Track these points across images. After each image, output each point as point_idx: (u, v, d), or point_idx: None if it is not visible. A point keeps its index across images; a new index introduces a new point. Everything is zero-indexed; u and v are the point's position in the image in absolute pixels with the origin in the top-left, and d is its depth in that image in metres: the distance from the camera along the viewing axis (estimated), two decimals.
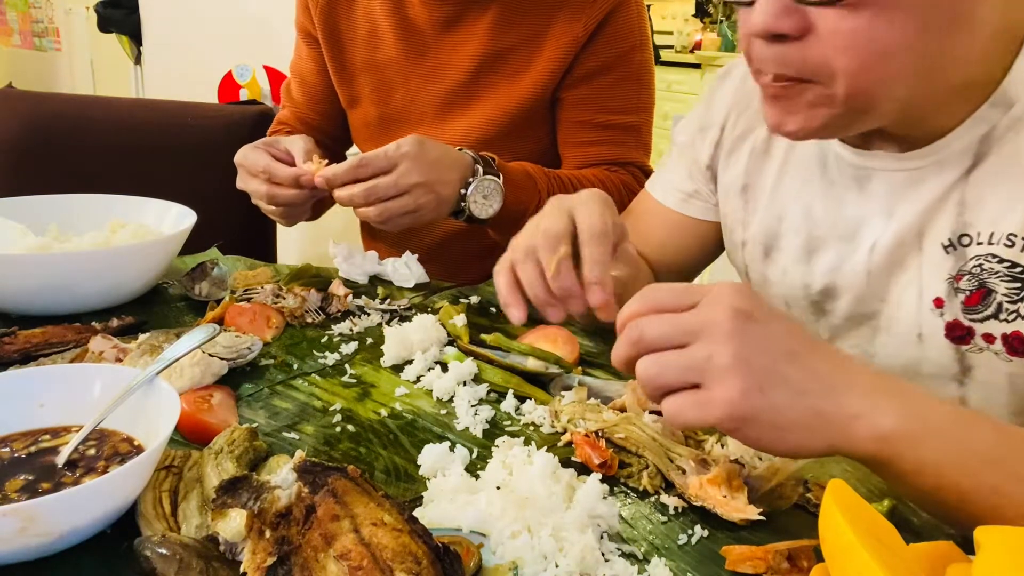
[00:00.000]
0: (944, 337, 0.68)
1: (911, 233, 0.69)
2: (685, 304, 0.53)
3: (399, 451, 0.65)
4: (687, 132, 0.93)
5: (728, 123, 0.87)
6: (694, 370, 0.50)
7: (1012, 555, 0.41)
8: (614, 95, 1.12)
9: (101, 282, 0.86)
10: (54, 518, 0.46)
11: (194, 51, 2.61)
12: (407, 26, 1.15)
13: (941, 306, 0.68)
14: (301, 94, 1.28)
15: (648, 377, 0.51)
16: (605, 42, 1.09)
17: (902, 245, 0.70)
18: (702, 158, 0.90)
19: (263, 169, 0.97)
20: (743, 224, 0.86)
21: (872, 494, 0.62)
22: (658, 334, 0.52)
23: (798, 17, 0.57)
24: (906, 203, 0.69)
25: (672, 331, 0.51)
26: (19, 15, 4.81)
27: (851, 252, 0.74)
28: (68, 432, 0.57)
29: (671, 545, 0.55)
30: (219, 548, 0.47)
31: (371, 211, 0.92)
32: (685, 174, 0.93)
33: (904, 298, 0.71)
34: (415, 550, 0.43)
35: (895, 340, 0.72)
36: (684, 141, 0.93)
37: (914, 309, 0.70)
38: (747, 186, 0.85)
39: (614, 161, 1.14)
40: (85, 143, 1.49)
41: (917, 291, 0.70)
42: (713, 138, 0.89)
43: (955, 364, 0.69)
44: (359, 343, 0.85)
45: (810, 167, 0.78)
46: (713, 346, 0.49)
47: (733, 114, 0.87)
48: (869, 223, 0.73)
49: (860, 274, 0.73)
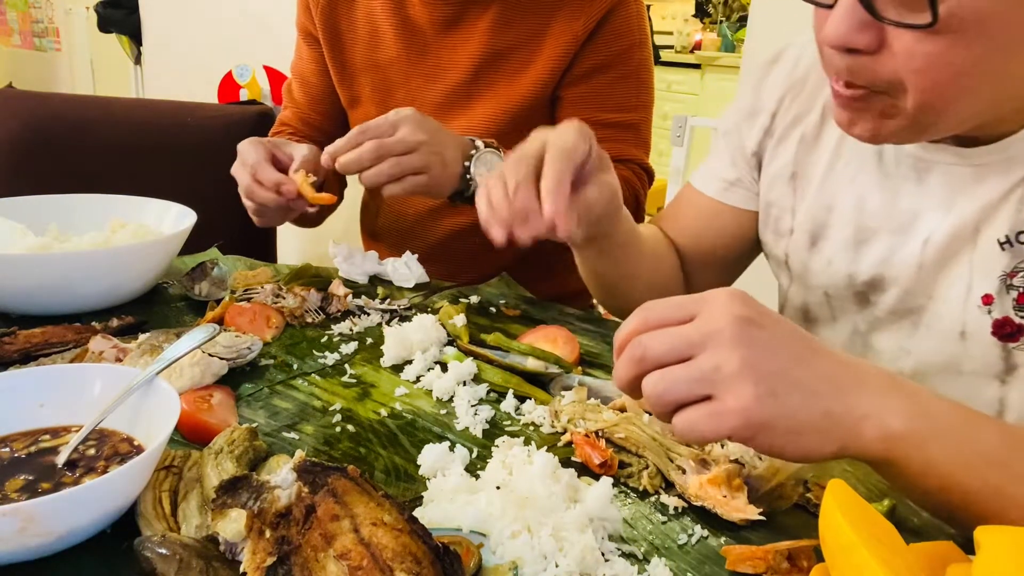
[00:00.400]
0: (991, 334, 0.68)
1: (968, 228, 0.69)
2: (683, 316, 0.52)
3: (399, 451, 0.65)
4: (732, 119, 0.92)
5: (780, 109, 0.86)
6: (703, 381, 0.49)
7: (1012, 555, 0.41)
8: (613, 93, 1.12)
9: (101, 282, 0.86)
10: (54, 518, 0.46)
11: (194, 51, 2.61)
12: (408, 26, 1.15)
13: (990, 303, 0.68)
14: (302, 95, 1.28)
15: (656, 394, 0.50)
16: (604, 40, 1.10)
17: (956, 240, 0.69)
18: (749, 144, 0.89)
19: (252, 164, 0.97)
20: (791, 212, 0.85)
21: (872, 494, 0.62)
22: (662, 349, 0.50)
23: (873, 33, 0.57)
24: (966, 198, 0.69)
25: (676, 344, 0.50)
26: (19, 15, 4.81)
27: (903, 244, 0.73)
28: (68, 432, 0.57)
29: (671, 545, 0.55)
30: (219, 548, 0.47)
31: (384, 166, 0.91)
32: (728, 162, 0.92)
33: (951, 294, 0.70)
34: (415, 550, 0.43)
35: (936, 336, 0.72)
36: (729, 128, 0.92)
37: (959, 305, 0.70)
38: (796, 174, 0.84)
39: (613, 158, 1.13)
40: (85, 143, 1.49)
41: (965, 287, 0.69)
42: (763, 124, 0.88)
43: (1000, 362, 0.68)
44: (359, 343, 0.85)
45: (865, 157, 0.77)
46: (720, 355, 0.48)
47: (787, 100, 0.86)
48: (925, 216, 0.72)
49: (911, 267, 0.73)
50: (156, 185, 1.12)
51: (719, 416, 0.48)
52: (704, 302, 0.51)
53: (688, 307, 0.52)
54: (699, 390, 0.49)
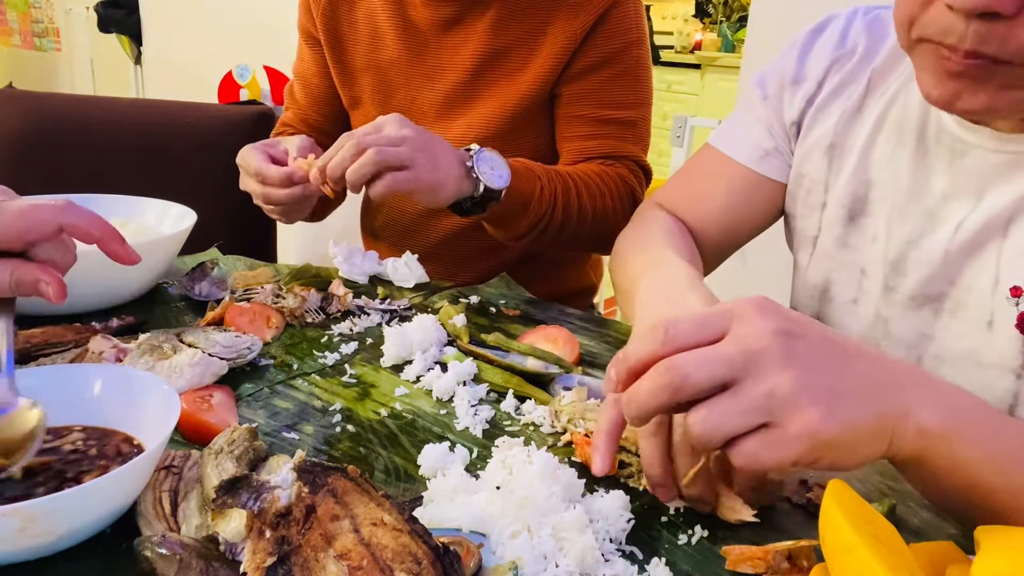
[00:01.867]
0: (1015, 327, 0.67)
1: (1000, 219, 0.67)
2: (714, 334, 0.47)
3: (399, 451, 0.65)
4: (773, 84, 0.88)
5: (827, 77, 0.83)
6: (759, 411, 0.45)
7: (1012, 555, 0.41)
8: (611, 90, 1.12)
9: (101, 282, 0.86)
10: (54, 518, 0.46)
11: (194, 51, 2.62)
12: (408, 27, 1.15)
13: (1019, 295, 0.67)
14: (304, 96, 1.28)
15: (707, 432, 0.45)
16: (603, 38, 1.10)
17: (987, 229, 0.68)
18: (790, 113, 0.86)
19: (255, 172, 0.97)
20: (824, 185, 0.82)
21: (872, 494, 0.62)
22: (703, 376, 0.46)
23: None
24: (998, 187, 0.68)
25: (718, 370, 0.46)
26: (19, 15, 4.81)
27: (933, 228, 0.72)
28: (70, 432, 0.57)
29: (671, 545, 0.55)
30: (219, 548, 0.47)
31: (364, 157, 0.87)
32: (764, 130, 0.88)
33: (977, 283, 0.69)
34: (415, 550, 0.43)
35: (961, 325, 0.70)
36: (770, 93, 0.88)
37: (988, 295, 0.68)
38: (834, 145, 0.81)
39: (610, 155, 1.14)
40: (85, 143, 1.49)
41: (993, 277, 0.68)
42: (807, 92, 0.84)
43: (1020, 356, 0.67)
44: (359, 343, 0.85)
45: (905, 133, 0.75)
46: (770, 378, 0.45)
47: (833, 69, 0.83)
48: (957, 200, 0.70)
49: (937, 252, 0.71)
50: (156, 185, 1.12)
51: (783, 445, 0.45)
52: (734, 317, 0.48)
53: (717, 323, 0.48)
54: (755, 420, 0.45)
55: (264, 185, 0.97)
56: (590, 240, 1.11)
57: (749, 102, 0.91)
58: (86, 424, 0.58)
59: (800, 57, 0.86)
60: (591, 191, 1.07)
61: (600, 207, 1.07)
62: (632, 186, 1.13)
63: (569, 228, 1.06)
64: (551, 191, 1.02)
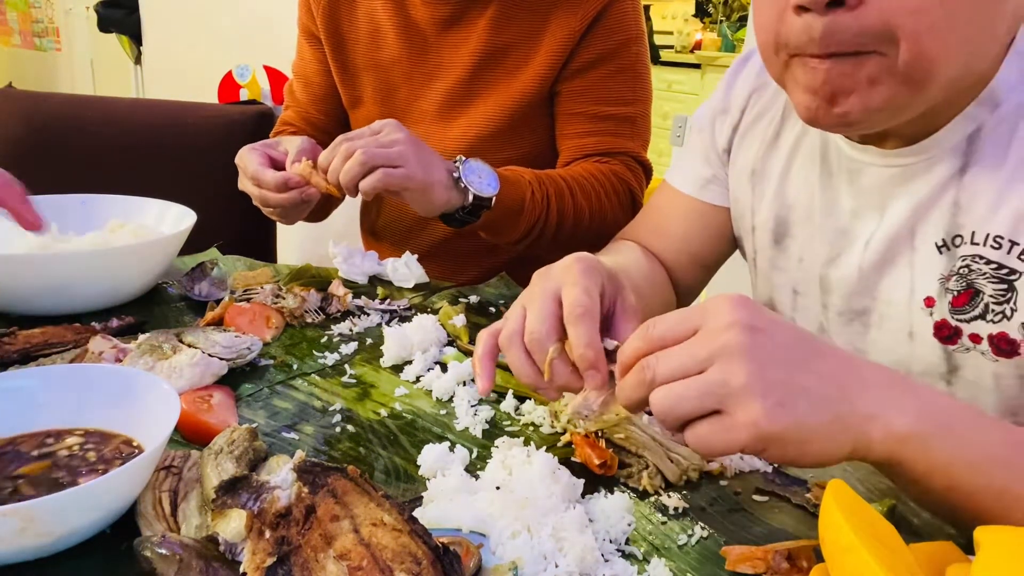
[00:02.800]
0: (932, 336, 0.69)
1: (904, 230, 0.69)
2: (687, 331, 0.50)
3: (399, 451, 0.65)
4: (706, 116, 0.92)
5: (748, 106, 0.87)
6: (711, 396, 0.48)
7: (1012, 555, 0.41)
8: (610, 87, 1.13)
9: (101, 282, 0.86)
10: (54, 518, 0.46)
11: (194, 51, 2.62)
12: (409, 25, 1.16)
13: (932, 305, 0.68)
14: (304, 94, 1.28)
15: (663, 410, 0.49)
16: (601, 35, 1.11)
17: (895, 242, 0.70)
18: (720, 142, 0.90)
19: (251, 175, 0.98)
20: (751, 210, 0.85)
21: (872, 494, 0.62)
22: (671, 369, 0.49)
23: None
24: (897, 200, 0.70)
25: (684, 363, 0.49)
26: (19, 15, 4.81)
27: (846, 246, 0.74)
28: (71, 433, 0.57)
29: (671, 545, 0.55)
30: (219, 548, 0.47)
31: (356, 155, 0.88)
32: (702, 160, 0.92)
33: (895, 296, 0.71)
34: (415, 550, 0.43)
35: (886, 337, 0.72)
36: (703, 125, 0.92)
37: (905, 307, 0.70)
38: (755, 171, 0.85)
39: (609, 151, 1.14)
40: (85, 143, 1.49)
41: (908, 289, 0.70)
42: (732, 121, 0.88)
43: (943, 363, 0.69)
44: (359, 343, 0.85)
45: (814, 157, 0.78)
46: (726, 368, 0.47)
47: (753, 97, 0.86)
48: (862, 218, 0.73)
49: (852, 269, 0.74)
50: (156, 185, 1.12)
51: (729, 432, 0.47)
52: (706, 313, 0.50)
53: (692, 320, 0.51)
54: (708, 404, 0.48)
55: (260, 188, 0.97)
56: (589, 239, 1.11)
57: (691, 136, 0.95)
58: (86, 426, 0.58)
59: (726, 88, 0.90)
60: (586, 191, 1.07)
61: (597, 206, 1.08)
62: (629, 182, 1.13)
63: (566, 229, 1.06)
64: (543, 195, 1.02)
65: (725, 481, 0.63)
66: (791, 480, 0.62)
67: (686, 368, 0.49)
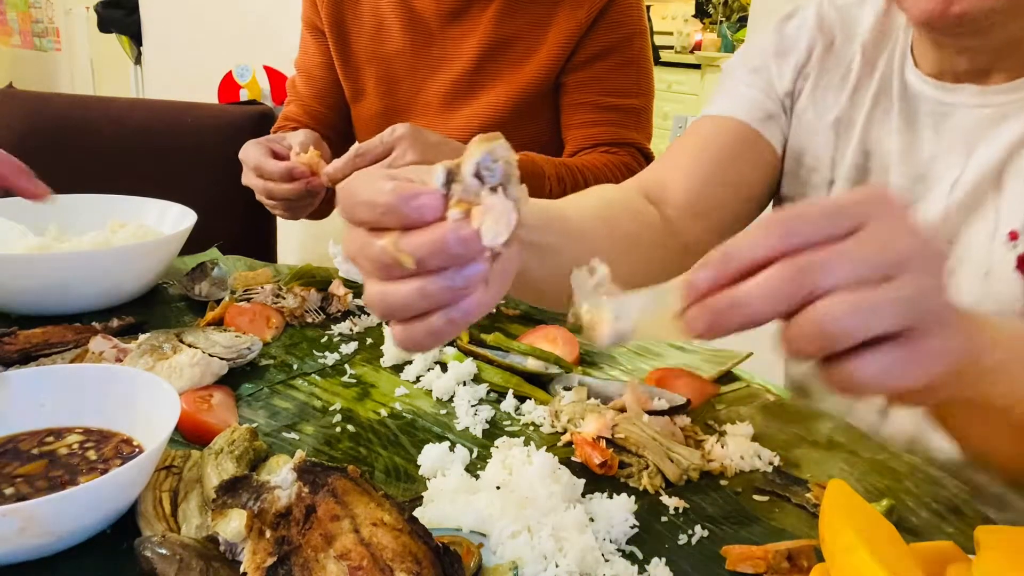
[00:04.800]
0: (1014, 270, 0.67)
1: (991, 174, 0.69)
2: (844, 229, 0.38)
3: (399, 451, 0.65)
4: (756, 57, 0.85)
5: (815, 50, 0.82)
6: (909, 314, 0.37)
7: (1012, 555, 0.41)
8: (615, 78, 1.14)
9: (101, 282, 0.86)
10: (54, 518, 0.46)
11: (194, 51, 2.61)
12: (413, 18, 1.17)
13: (1016, 239, 0.67)
14: (307, 88, 1.29)
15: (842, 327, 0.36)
16: (606, 27, 1.12)
17: (981, 185, 0.69)
18: (781, 84, 0.83)
19: (255, 166, 0.97)
20: (830, 162, 0.81)
21: (872, 494, 0.62)
22: (845, 275, 0.36)
23: None
24: (986, 143, 0.69)
25: (860, 269, 0.37)
26: (19, 15, 4.81)
27: (926, 191, 0.73)
28: (70, 432, 0.57)
29: (671, 545, 0.55)
30: (219, 548, 0.47)
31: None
32: (762, 93, 0.84)
33: (975, 238, 0.70)
34: (415, 550, 0.43)
35: (961, 280, 0.71)
36: (757, 65, 0.85)
37: (984, 246, 0.69)
38: (841, 120, 0.80)
39: (614, 141, 1.15)
40: (85, 143, 1.49)
41: (991, 227, 0.69)
42: (797, 63, 0.83)
43: (1021, 299, 0.67)
44: (359, 343, 0.85)
45: (896, 104, 0.76)
46: (921, 282, 0.37)
47: (817, 49, 0.82)
48: (946, 161, 0.72)
49: (936, 214, 0.72)
50: (156, 185, 1.12)
51: (921, 361, 0.37)
52: (870, 212, 0.38)
53: (849, 214, 0.38)
54: (904, 323, 0.37)
55: (264, 180, 0.97)
56: None
57: (733, 79, 0.87)
58: (86, 426, 0.58)
59: (778, 31, 0.85)
60: (598, 180, 1.08)
61: None
62: (636, 173, 1.14)
63: None
64: (559, 181, 1.03)
65: (725, 481, 0.63)
66: (791, 480, 0.62)
67: (861, 276, 0.37)
